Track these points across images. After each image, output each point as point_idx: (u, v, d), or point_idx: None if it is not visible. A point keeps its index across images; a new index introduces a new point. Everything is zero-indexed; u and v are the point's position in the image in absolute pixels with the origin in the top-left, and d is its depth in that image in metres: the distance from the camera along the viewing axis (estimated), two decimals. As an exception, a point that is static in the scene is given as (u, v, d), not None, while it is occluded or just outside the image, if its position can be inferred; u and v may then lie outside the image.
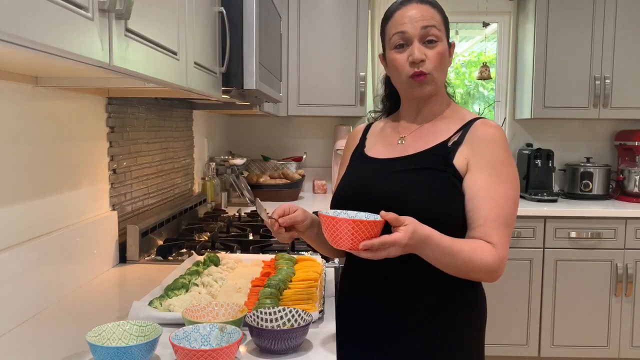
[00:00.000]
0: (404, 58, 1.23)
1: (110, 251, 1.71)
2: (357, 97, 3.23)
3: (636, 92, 3.29)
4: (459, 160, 1.20)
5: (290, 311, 1.14)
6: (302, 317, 1.13)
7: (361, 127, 1.46)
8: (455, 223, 1.18)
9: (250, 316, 1.12)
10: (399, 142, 1.31)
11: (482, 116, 1.30)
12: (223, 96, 1.73)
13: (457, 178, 1.19)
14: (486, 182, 1.17)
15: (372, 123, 1.44)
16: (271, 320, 1.13)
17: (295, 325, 1.12)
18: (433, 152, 1.23)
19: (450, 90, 1.37)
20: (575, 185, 3.48)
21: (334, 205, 1.29)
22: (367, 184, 1.25)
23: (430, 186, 1.18)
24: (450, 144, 1.23)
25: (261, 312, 1.14)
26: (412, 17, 1.23)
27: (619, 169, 3.49)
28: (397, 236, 1.01)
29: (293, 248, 1.93)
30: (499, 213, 1.15)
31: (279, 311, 1.15)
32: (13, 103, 1.23)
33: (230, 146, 3.71)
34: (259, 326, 1.11)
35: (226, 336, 1.03)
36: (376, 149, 1.34)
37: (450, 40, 1.30)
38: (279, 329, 1.06)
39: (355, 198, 1.24)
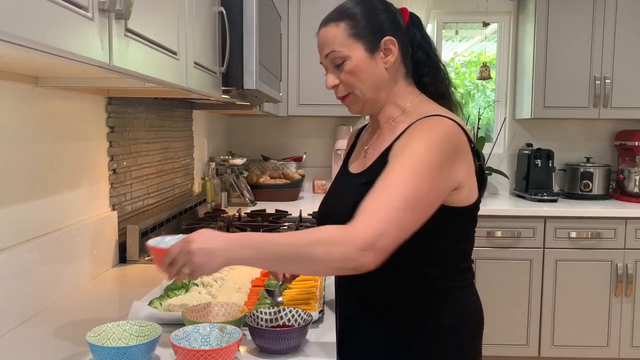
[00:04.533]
0: (326, 78, 1.23)
1: (110, 251, 1.71)
2: (357, 97, 3.23)
3: (636, 92, 3.29)
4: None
5: (290, 311, 1.14)
6: (302, 317, 1.13)
7: (356, 129, 1.45)
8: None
9: (250, 316, 1.12)
10: (364, 155, 1.26)
11: (439, 114, 1.12)
12: (223, 96, 1.73)
13: None
14: (388, 172, 1.04)
15: (365, 125, 1.42)
16: (271, 321, 1.13)
17: (295, 325, 1.12)
18: (376, 163, 1.17)
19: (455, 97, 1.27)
20: (575, 185, 3.48)
21: (318, 219, 1.30)
22: (332, 202, 1.28)
23: None
24: (389, 149, 1.14)
25: (261, 312, 1.14)
26: (319, 46, 1.21)
27: (619, 169, 3.49)
28: (179, 243, 0.97)
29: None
30: (378, 195, 1.00)
31: (279, 311, 1.15)
32: (13, 103, 1.23)
33: (230, 146, 3.71)
34: (259, 326, 1.11)
35: (226, 336, 1.03)
36: (352, 161, 1.32)
37: (386, 37, 1.16)
38: (279, 329, 1.06)
39: (326, 216, 1.23)
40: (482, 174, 1.20)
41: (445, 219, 1.10)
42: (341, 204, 1.18)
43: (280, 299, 1.21)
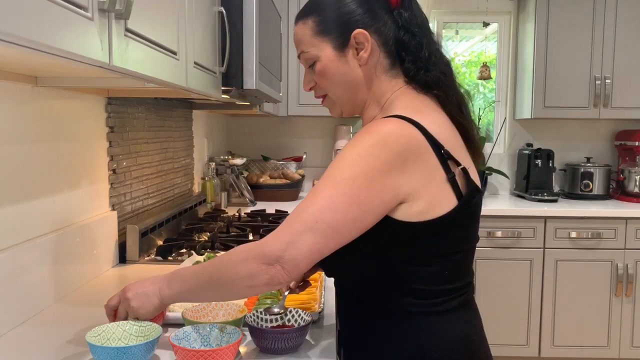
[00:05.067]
0: None
1: (110, 251, 1.71)
2: (357, 97, 3.22)
3: (636, 92, 3.29)
4: None
5: (290, 311, 1.14)
6: (302, 317, 1.13)
7: None
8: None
9: (250, 316, 1.12)
10: None
11: (392, 115, 0.98)
12: (223, 96, 1.73)
13: None
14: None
15: None
16: (271, 321, 1.13)
17: (295, 325, 1.12)
18: None
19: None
20: (576, 185, 3.48)
21: None
22: None
23: None
24: None
25: (261, 312, 1.13)
26: (295, 45, 1.11)
27: (619, 169, 3.49)
28: (118, 293, 1.09)
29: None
30: (295, 209, 0.94)
31: (279, 311, 1.14)
32: (13, 103, 1.23)
33: (230, 146, 3.71)
34: (259, 326, 1.11)
35: (226, 336, 1.03)
36: None
37: (355, 30, 1.02)
38: (279, 329, 1.06)
39: None
40: (472, 184, 0.99)
41: (396, 236, 0.95)
42: None
43: (281, 309, 1.15)
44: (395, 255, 0.97)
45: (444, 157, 0.96)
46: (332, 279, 1.31)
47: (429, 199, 0.95)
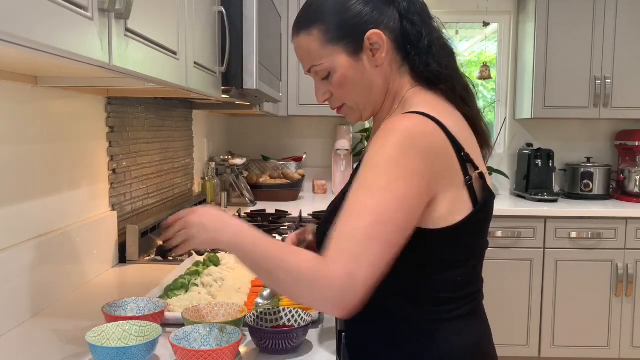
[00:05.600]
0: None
1: (110, 251, 1.71)
2: (357, 97, 3.22)
3: (636, 92, 3.29)
4: None
5: (290, 311, 1.14)
6: (302, 317, 1.13)
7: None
8: None
9: (250, 316, 1.12)
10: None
11: (413, 111, 0.93)
12: (223, 96, 1.72)
13: None
14: (351, 191, 0.90)
15: None
16: (271, 321, 1.13)
17: (295, 325, 1.12)
18: (354, 174, 1.02)
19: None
20: (576, 185, 3.48)
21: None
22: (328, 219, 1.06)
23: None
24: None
25: (261, 313, 1.14)
26: (298, 59, 1.04)
27: (620, 169, 3.49)
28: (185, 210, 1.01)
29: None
30: (342, 226, 0.86)
31: (279, 311, 1.15)
32: (13, 103, 1.23)
33: (230, 146, 3.71)
34: (259, 326, 1.11)
35: (226, 336, 1.03)
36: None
37: (369, 32, 0.97)
38: (279, 329, 1.06)
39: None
40: (487, 189, 0.97)
41: (413, 244, 0.90)
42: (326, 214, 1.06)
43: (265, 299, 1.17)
44: (410, 263, 0.93)
45: (464, 160, 0.92)
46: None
47: (448, 204, 0.92)
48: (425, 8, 1.04)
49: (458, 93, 1.01)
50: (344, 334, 1.12)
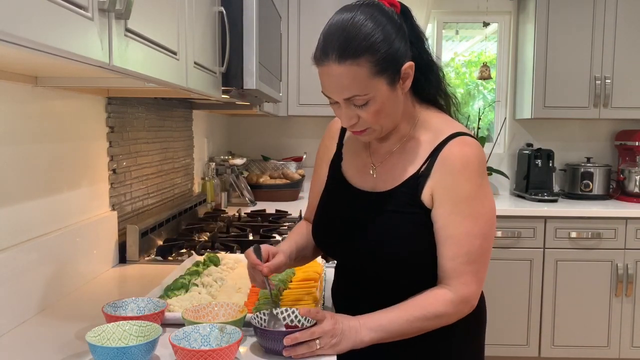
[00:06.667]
0: (339, 113, 1.09)
1: (110, 251, 1.71)
2: (357, 97, 3.22)
3: (636, 92, 3.29)
4: (426, 194, 1.09)
5: (293, 312, 1.14)
6: (306, 318, 1.12)
7: (336, 128, 1.30)
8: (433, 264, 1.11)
9: (255, 317, 1.11)
10: (371, 172, 1.19)
11: (460, 132, 1.11)
12: (223, 96, 1.73)
13: (427, 216, 1.09)
14: (446, 220, 1.07)
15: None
16: (277, 322, 1.12)
17: (299, 326, 1.12)
18: (402, 188, 1.12)
19: (450, 89, 1.20)
20: (576, 185, 3.48)
21: (317, 237, 1.24)
22: (354, 224, 1.16)
23: (401, 236, 1.10)
24: (419, 175, 1.10)
25: (264, 314, 1.13)
26: (332, 85, 1.04)
27: (619, 169, 3.49)
28: (325, 324, 1.03)
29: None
30: (457, 252, 1.06)
31: (283, 312, 1.14)
32: (13, 103, 1.23)
33: (230, 146, 3.71)
34: (264, 327, 1.10)
35: (226, 336, 1.03)
36: (351, 173, 1.22)
37: (406, 64, 1.05)
38: (285, 330, 1.06)
39: (345, 237, 1.17)
40: None
41: None
42: (368, 233, 1.13)
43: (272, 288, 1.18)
44: None
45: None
46: (332, 280, 1.30)
47: None
48: (420, 30, 1.14)
49: (447, 108, 1.20)
50: None
